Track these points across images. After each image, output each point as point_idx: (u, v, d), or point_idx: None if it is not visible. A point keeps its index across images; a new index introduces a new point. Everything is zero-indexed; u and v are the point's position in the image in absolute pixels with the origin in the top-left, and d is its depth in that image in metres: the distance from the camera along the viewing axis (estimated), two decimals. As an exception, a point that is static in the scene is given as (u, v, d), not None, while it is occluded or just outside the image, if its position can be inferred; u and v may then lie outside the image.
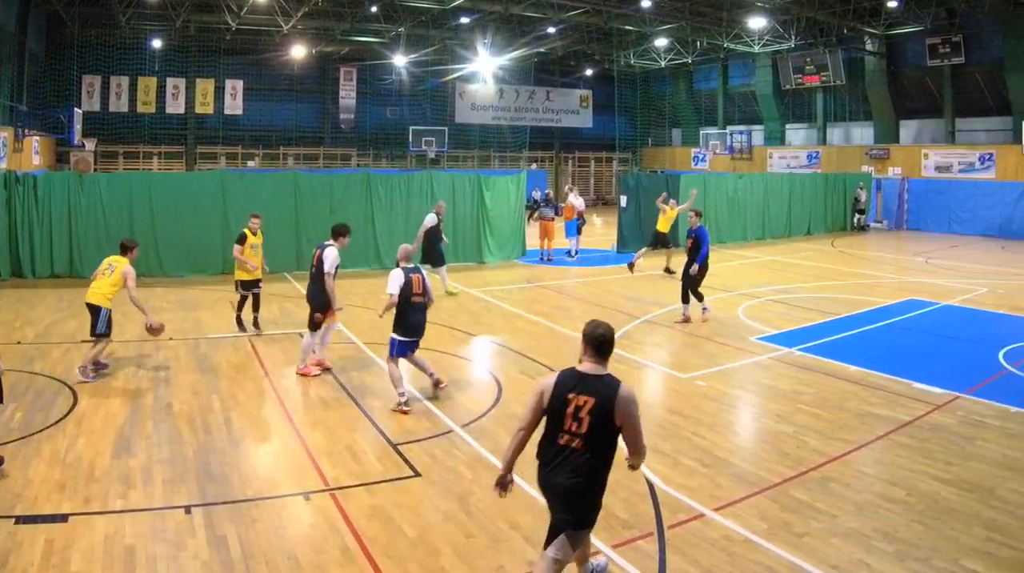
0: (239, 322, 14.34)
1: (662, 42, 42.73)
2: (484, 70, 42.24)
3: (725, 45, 39.90)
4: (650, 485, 7.71)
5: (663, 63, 46.63)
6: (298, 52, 40.79)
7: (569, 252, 25.23)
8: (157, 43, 39.06)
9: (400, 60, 41.54)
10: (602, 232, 33.62)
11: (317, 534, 6.76)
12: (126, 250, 11.65)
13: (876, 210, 37.96)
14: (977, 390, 11.02)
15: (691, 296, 15.48)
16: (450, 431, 9.36)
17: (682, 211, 21.35)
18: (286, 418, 9.80)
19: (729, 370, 12.26)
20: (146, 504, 7.23)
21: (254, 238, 13.88)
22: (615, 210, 28.66)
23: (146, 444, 8.71)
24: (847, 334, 14.65)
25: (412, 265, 10.31)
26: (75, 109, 33.83)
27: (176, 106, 40.44)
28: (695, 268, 15.20)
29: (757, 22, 35.49)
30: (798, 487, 7.81)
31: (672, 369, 12.29)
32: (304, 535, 6.75)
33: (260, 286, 14.16)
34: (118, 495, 7.39)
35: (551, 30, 39.26)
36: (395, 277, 10.05)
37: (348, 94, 45.22)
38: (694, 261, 15.17)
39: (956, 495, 7.57)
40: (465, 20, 37.86)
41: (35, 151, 31.51)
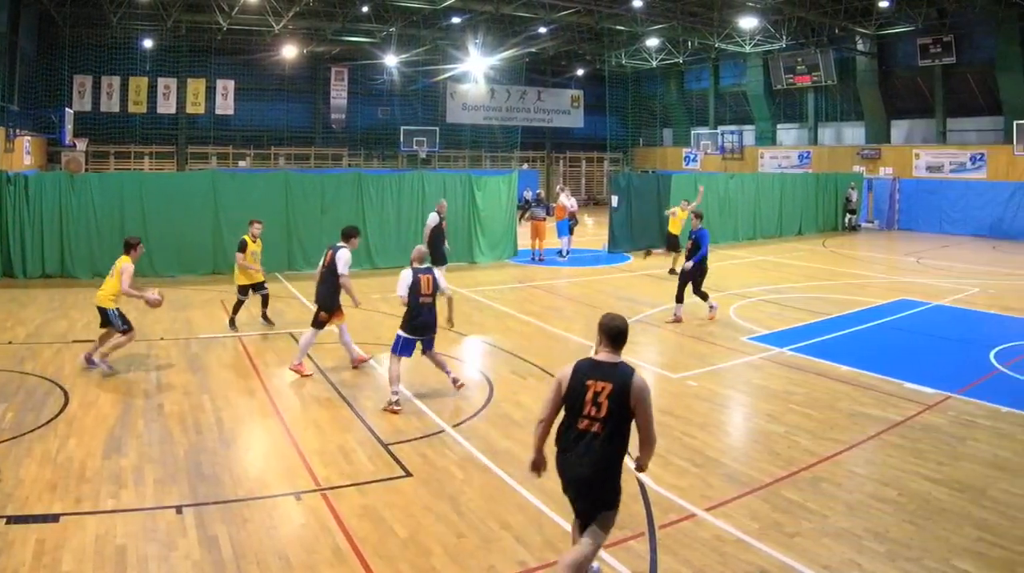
0: (232, 323, 14.40)
1: (653, 42, 42.81)
2: (475, 70, 42.21)
3: (716, 45, 40.00)
4: (641, 485, 7.71)
5: (654, 63, 46.70)
6: (289, 52, 40.77)
7: (560, 252, 25.23)
8: (148, 43, 38.95)
9: (391, 60, 41.54)
10: (593, 232, 33.62)
11: (308, 534, 6.74)
12: (128, 248, 11.60)
13: (867, 210, 38.08)
14: (968, 390, 11.04)
15: (685, 297, 15.58)
16: (441, 431, 9.34)
17: (692, 210, 21.42)
18: (277, 418, 9.77)
19: (720, 370, 12.27)
20: (137, 504, 7.20)
21: (254, 245, 14.26)
22: (606, 210, 28.66)
23: (137, 444, 8.67)
24: (838, 334, 14.68)
25: (425, 265, 10.36)
26: (66, 109, 33.67)
27: (167, 106, 40.29)
28: (689, 265, 15.34)
29: (748, 22, 35.54)
30: (789, 487, 7.82)
31: (663, 369, 12.30)
32: (295, 535, 6.74)
33: (266, 286, 14.68)
34: (109, 495, 7.36)
35: (542, 30, 39.31)
36: (404, 278, 10.17)
37: (339, 94, 45.19)
38: (691, 260, 15.33)
39: (947, 495, 7.59)
40: (456, 20, 37.88)
41: (26, 151, 31.35)
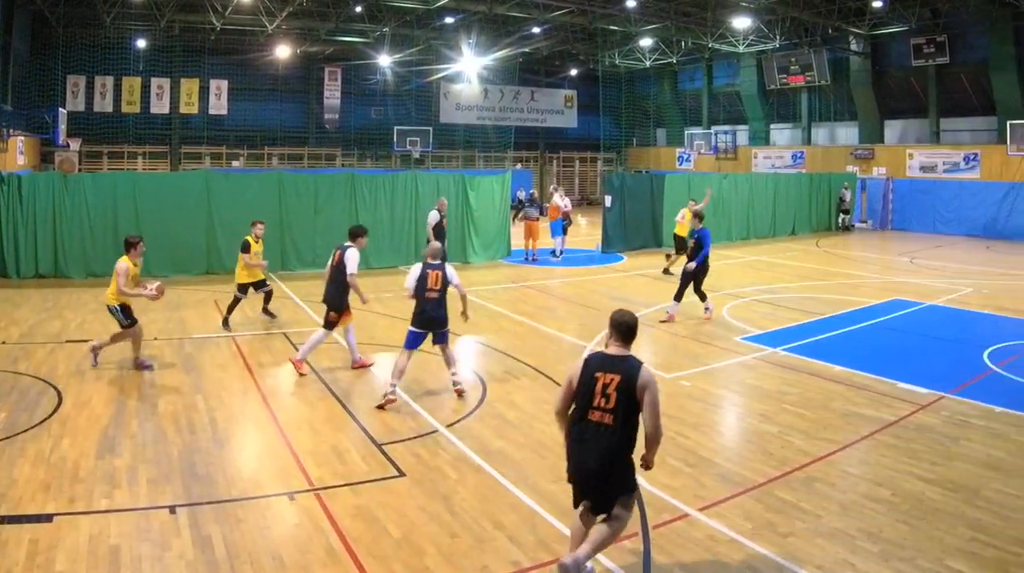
0: (225, 323, 14.41)
1: (647, 42, 42.78)
2: (469, 70, 42.17)
3: (710, 45, 39.97)
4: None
5: (648, 63, 46.67)
6: (283, 52, 40.68)
7: (554, 252, 25.22)
8: (142, 43, 38.82)
9: (385, 60, 41.47)
10: (587, 232, 33.61)
11: (302, 534, 6.73)
12: (127, 247, 11.50)
13: (861, 210, 38.09)
14: (962, 390, 11.04)
15: (684, 296, 15.68)
16: (435, 431, 9.33)
17: (696, 211, 21.57)
18: (271, 418, 9.75)
19: (714, 370, 12.28)
20: (131, 504, 7.20)
21: (257, 246, 14.61)
22: (600, 210, 28.66)
23: (131, 444, 8.67)
24: (832, 334, 14.69)
25: (437, 261, 10.51)
26: (60, 109, 33.64)
27: (161, 106, 40.18)
28: (692, 266, 15.44)
29: (742, 22, 35.55)
30: (783, 487, 7.82)
31: (657, 369, 12.22)
32: (289, 535, 6.73)
33: (268, 284, 15.01)
34: (103, 495, 7.36)
35: (536, 30, 39.27)
36: (413, 271, 10.45)
37: (333, 94, 45.09)
38: (693, 260, 15.43)
39: (941, 495, 7.59)
40: (450, 20, 37.83)
41: (20, 151, 31.26)
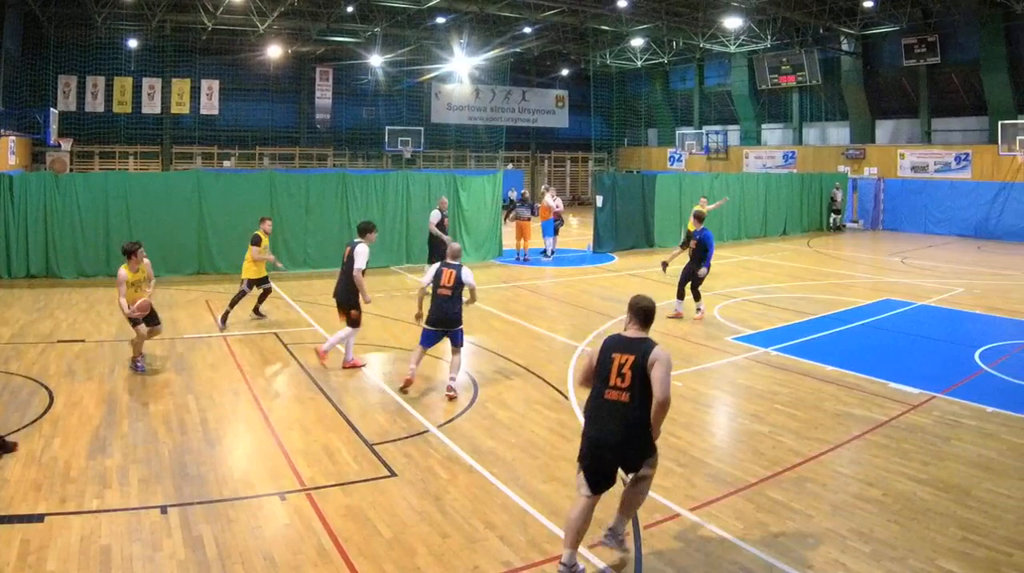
0: (225, 317, 14.64)
1: (638, 42, 42.85)
2: (460, 70, 42.23)
3: (701, 45, 40.03)
4: (625, 484, 7.68)
5: (639, 63, 46.76)
6: (274, 52, 40.62)
7: (544, 251, 25.19)
8: (133, 43, 38.78)
9: (376, 60, 41.45)
10: (578, 232, 33.61)
11: (293, 534, 6.73)
12: (125, 255, 11.51)
13: (852, 210, 38.21)
14: (953, 390, 11.05)
15: (685, 294, 15.79)
16: (426, 431, 9.31)
17: (711, 210, 21.84)
18: (262, 418, 9.73)
19: (705, 370, 12.26)
20: (122, 504, 7.19)
21: (266, 239, 15.00)
22: (591, 210, 28.65)
23: (122, 444, 8.65)
24: (823, 334, 14.70)
25: (456, 262, 10.81)
26: (51, 109, 33.56)
27: (152, 106, 40.12)
28: (704, 271, 15.59)
29: (733, 22, 35.60)
30: (774, 487, 7.81)
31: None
32: (280, 535, 6.72)
33: (269, 282, 15.26)
34: (94, 495, 7.35)
35: (527, 30, 39.30)
36: (430, 270, 10.95)
37: (324, 94, 45.06)
38: (702, 263, 15.51)
39: (932, 495, 7.59)
40: (441, 20, 37.79)
41: (11, 151, 31.15)
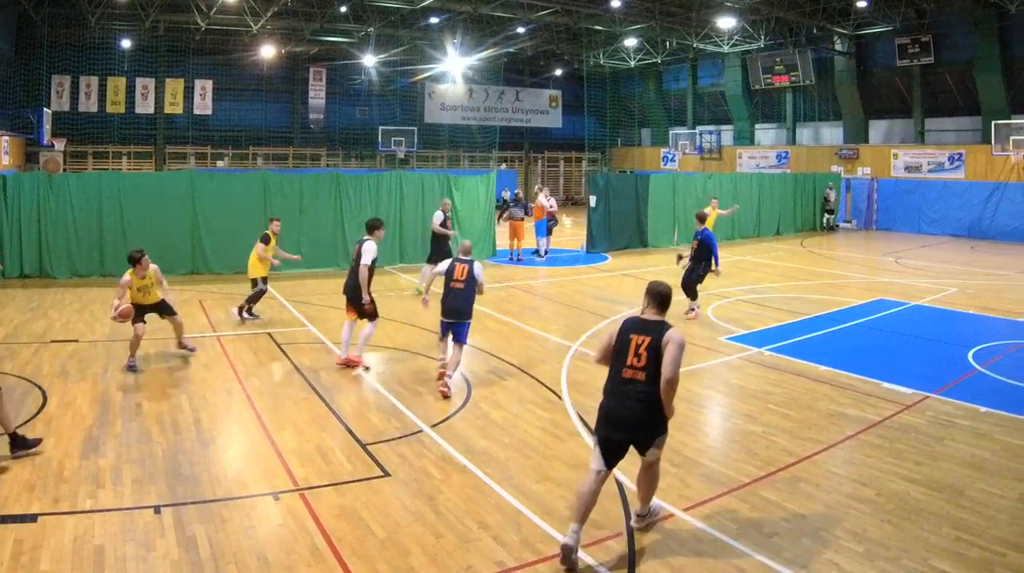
0: (241, 312, 15.24)
1: (632, 42, 42.84)
2: (453, 70, 42.20)
3: (694, 45, 40.06)
4: (619, 485, 7.67)
5: (633, 63, 46.73)
6: (267, 52, 40.57)
7: (536, 251, 25.19)
8: (126, 43, 38.69)
9: (369, 60, 41.44)
10: (572, 232, 33.62)
11: (286, 534, 6.72)
12: (130, 262, 11.64)
13: (845, 210, 38.24)
14: (946, 390, 11.05)
15: (686, 292, 15.85)
16: (419, 431, 9.29)
17: (722, 215, 21.94)
18: (255, 418, 9.71)
19: (698, 370, 12.23)
20: (115, 504, 7.18)
21: (274, 239, 15.37)
22: (585, 210, 28.67)
23: (115, 444, 8.64)
24: (817, 334, 14.69)
25: (468, 258, 11.17)
26: (44, 109, 33.57)
27: (145, 106, 40.00)
28: (719, 269, 15.98)
29: (726, 22, 35.59)
30: (767, 487, 7.80)
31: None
32: (273, 535, 6.71)
33: (266, 282, 15.44)
34: (87, 495, 7.34)
35: (521, 30, 39.30)
36: (442, 264, 11.35)
37: (317, 94, 45.01)
38: (707, 262, 15.72)
39: (925, 495, 7.58)
40: (434, 20, 37.78)
41: (4, 151, 31.07)
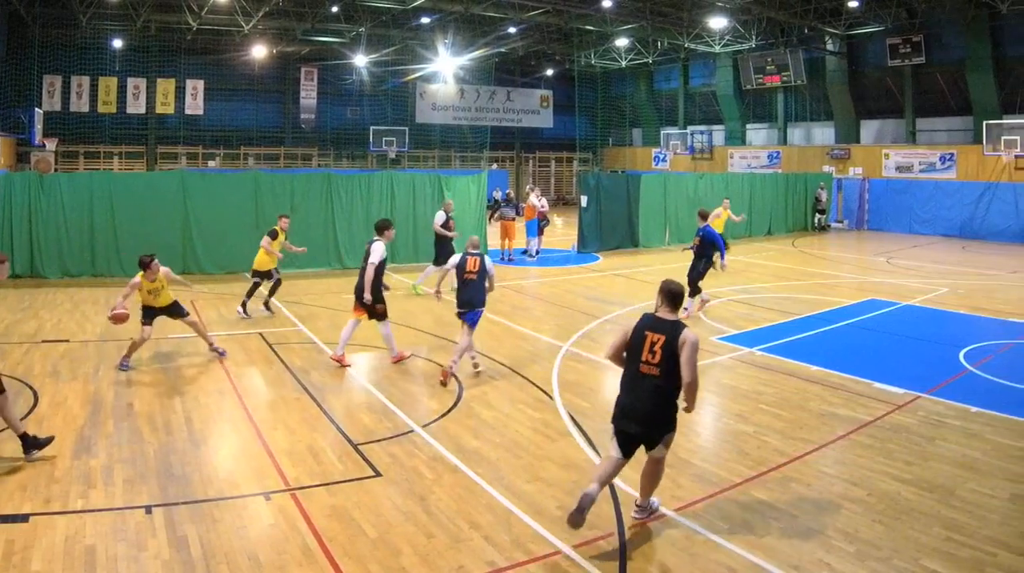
0: (267, 305, 15.94)
1: (623, 42, 42.90)
2: (445, 70, 42.21)
3: (686, 45, 40.09)
4: (611, 486, 7.65)
5: (624, 63, 46.80)
6: (259, 52, 40.49)
7: (527, 251, 25.16)
8: (118, 43, 38.62)
9: (361, 60, 41.37)
10: (563, 232, 33.60)
11: (278, 534, 6.70)
12: (140, 267, 11.69)
13: (837, 210, 38.29)
14: (938, 390, 11.05)
15: (699, 288, 16.10)
16: (411, 431, 9.28)
17: (732, 220, 22.16)
18: (247, 418, 9.69)
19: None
20: (107, 504, 7.16)
21: (282, 235, 15.95)
22: (576, 210, 28.65)
23: (107, 444, 8.61)
24: (808, 334, 14.70)
25: (477, 251, 11.66)
26: (36, 109, 33.48)
27: (137, 106, 39.99)
28: (726, 263, 16.50)
29: (718, 22, 35.66)
30: (759, 487, 7.79)
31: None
32: (265, 535, 6.70)
33: (259, 283, 15.86)
34: (79, 495, 7.32)
35: (512, 30, 39.27)
36: (454, 257, 11.88)
37: (309, 94, 44.97)
38: (708, 259, 16.09)
39: (916, 495, 7.58)
40: (426, 20, 37.72)
41: (-4, 151, 31.11)
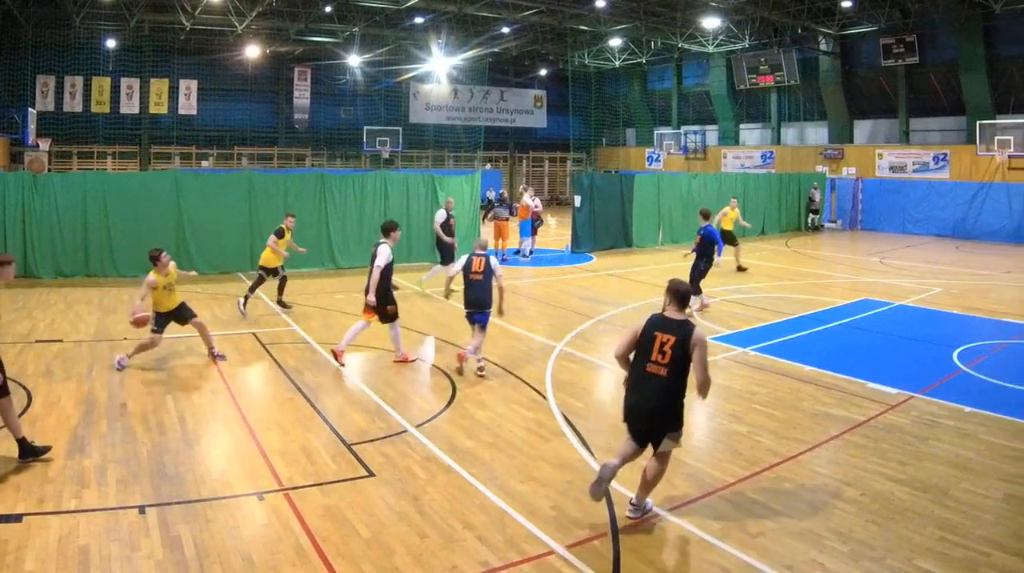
0: (280, 303, 16.15)
1: (616, 42, 42.95)
2: (438, 70, 42.23)
3: (679, 45, 40.18)
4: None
5: (617, 63, 46.84)
6: (252, 52, 40.47)
7: (519, 251, 25.17)
8: (111, 43, 38.55)
9: (354, 60, 41.41)
10: (557, 232, 33.60)
11: (271, 534, 6.69)
12: (151, 261, 11.68)
13: (830, 210, 38.33)
14: (931, 390, 11.06)
15: (700, 287, 16.33)
16: (404, 431, 9.26)
17: (734, 219, 22.28)
18: (240, 418, 9.67)
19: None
20: (100, 504, 7.15)
21: (288, 234, 16.18)
22: (569, 210, 28.65)
23: (100, 444, 8.59)
24: (802, 334, 14.70)
25: (482, 252, 11.77)
26: (29, 109, 33.43)
27: (130, 106, 39.87)
28: (719, 260, 16.86)
29: (711, 22, 35.70)
30: (752, 487, 7.79)
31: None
32: (258, 535, 6.69)
33: (263, 281, 16.08)
34: (72, 495, 7.30)
35: (505, 30, 39.32)
36: (460, 260, 12.02)
37: (302, 94, 44.93)
38: (709, 258, 16.47)
39: (910, 495, 7.58)
40: (419, 20, 37.75)
41: (-11, 151, 31.04)
